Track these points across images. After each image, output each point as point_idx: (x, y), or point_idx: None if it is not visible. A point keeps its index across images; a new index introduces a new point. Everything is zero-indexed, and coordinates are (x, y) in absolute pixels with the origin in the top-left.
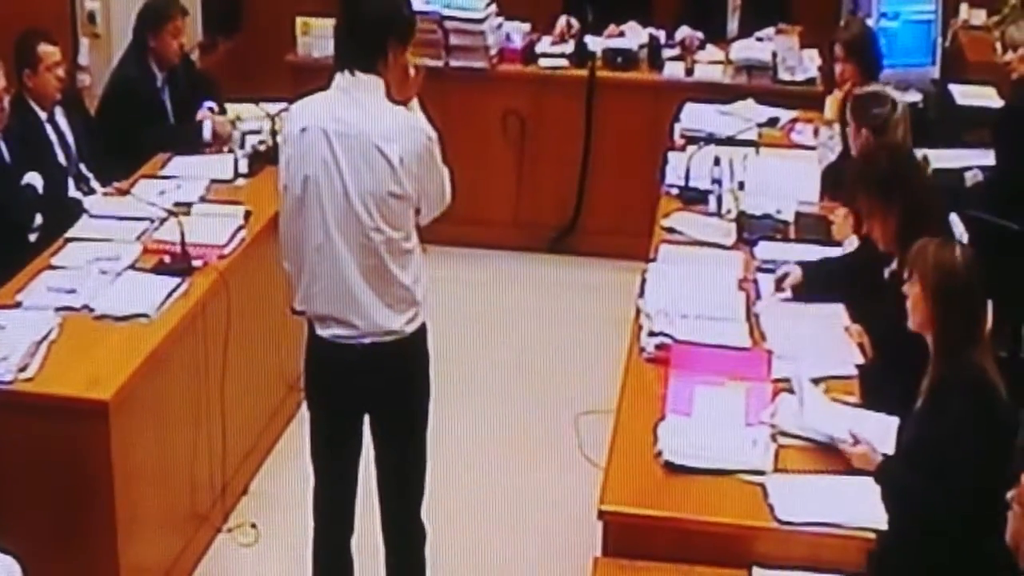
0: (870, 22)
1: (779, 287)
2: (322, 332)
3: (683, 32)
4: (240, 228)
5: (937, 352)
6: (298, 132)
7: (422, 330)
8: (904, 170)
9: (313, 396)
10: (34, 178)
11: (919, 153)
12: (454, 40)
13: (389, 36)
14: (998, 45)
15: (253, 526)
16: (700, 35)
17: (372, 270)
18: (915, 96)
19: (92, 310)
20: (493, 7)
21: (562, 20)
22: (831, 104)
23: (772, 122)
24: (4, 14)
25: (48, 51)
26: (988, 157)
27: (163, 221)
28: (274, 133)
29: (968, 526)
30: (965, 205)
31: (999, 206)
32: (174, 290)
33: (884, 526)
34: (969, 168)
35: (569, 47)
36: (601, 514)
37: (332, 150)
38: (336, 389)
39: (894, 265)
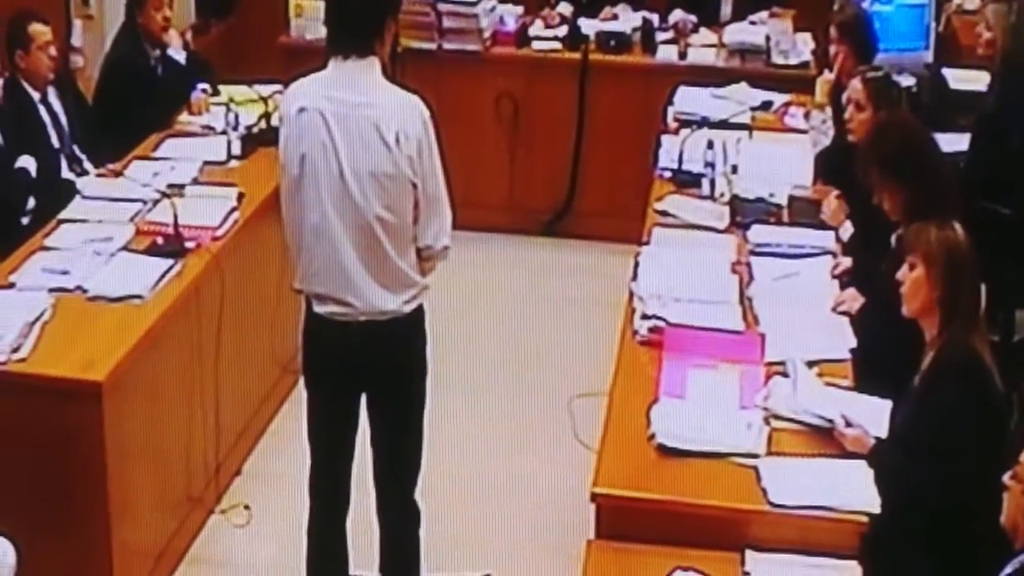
0: (864, 5)
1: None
2: (319, 309)
3: (676, 15)
4: (233, 210)
5: (940, 332)
6: (295, 112)
7: (419, 311)
8: (916, 147)
9: (310, 373)
10: (27, 161)
11: None
12: (447, 23)
13: (387, 15)
14: (981, 23)
15: (246, 507)
16: (693, 18)
17: (368, 250)
18: (909, 80)
19: (85, 291)
20: None
21: (548, 10)
22: (821, 87)
23: (765, 106)
24: None
25: (39, 30)
26: None
27: (156, 203)
28: (267, 115)
29: (961, 510)
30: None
31: (974, 191)
32: (167, 271)
33: (877, 509)
34: (965, 152)
35: (562, 30)
36: (594, 497)
37: (329, 130)
38: (332, 366)
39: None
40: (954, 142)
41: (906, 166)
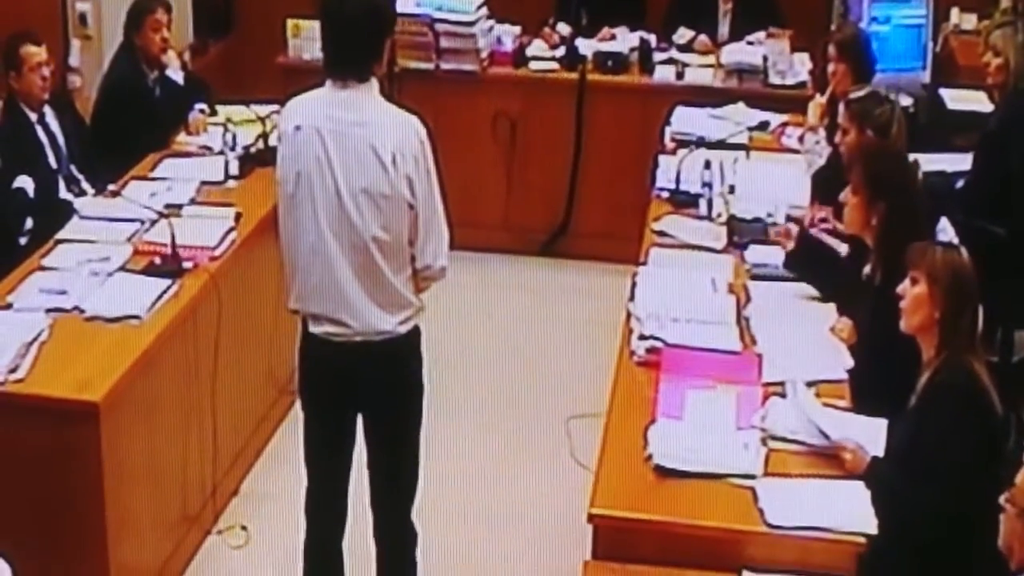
0: (862, 25)
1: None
2: (315, 329)
3: (686, 34)
4: (231, 230)
5: (938, 352)
6: (292, 130)
7: (415, 332)
8: (899, 173)
9: (306, 394)
10: (25, 181)
11: (910, 157)
12: (445, 43)
13: (384, 35)
14: (982, 44)
15: (243, 528)
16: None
17: (364, 270)
18: (906, 100)
19: (83, 311)
20: (484, 10)
21: (547, 29)
22: (813, 109)
23: (763, 126)
24: None
25: (31, 52)
26: None
27: (154, 223)
28: (265, 135)
29: (957, 530)
30: (953, 210)
31: (975, 210)
32: (165, 292)
33: (874, 530)
34: (963, 173)
35: (560, 50)
36: (591, 517)
37: (325, 148)
38: (328, 386)
39: (867, 269)
40: (951, 162)
41: (886, 192)
